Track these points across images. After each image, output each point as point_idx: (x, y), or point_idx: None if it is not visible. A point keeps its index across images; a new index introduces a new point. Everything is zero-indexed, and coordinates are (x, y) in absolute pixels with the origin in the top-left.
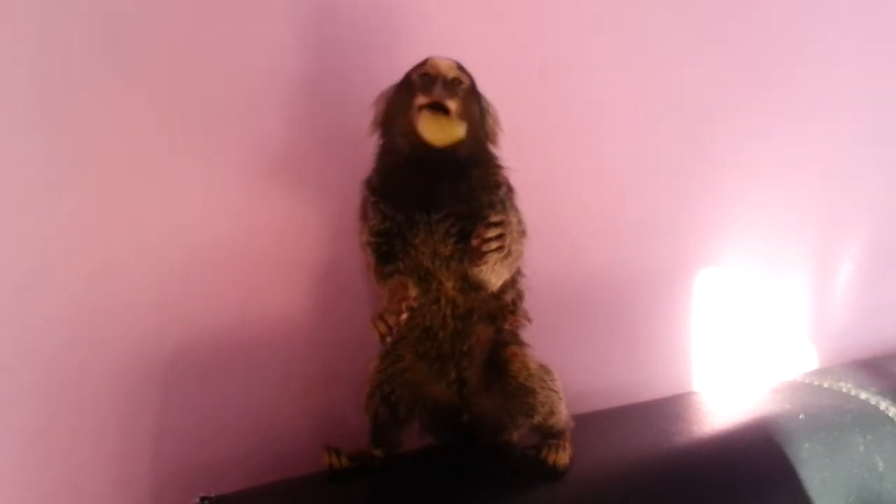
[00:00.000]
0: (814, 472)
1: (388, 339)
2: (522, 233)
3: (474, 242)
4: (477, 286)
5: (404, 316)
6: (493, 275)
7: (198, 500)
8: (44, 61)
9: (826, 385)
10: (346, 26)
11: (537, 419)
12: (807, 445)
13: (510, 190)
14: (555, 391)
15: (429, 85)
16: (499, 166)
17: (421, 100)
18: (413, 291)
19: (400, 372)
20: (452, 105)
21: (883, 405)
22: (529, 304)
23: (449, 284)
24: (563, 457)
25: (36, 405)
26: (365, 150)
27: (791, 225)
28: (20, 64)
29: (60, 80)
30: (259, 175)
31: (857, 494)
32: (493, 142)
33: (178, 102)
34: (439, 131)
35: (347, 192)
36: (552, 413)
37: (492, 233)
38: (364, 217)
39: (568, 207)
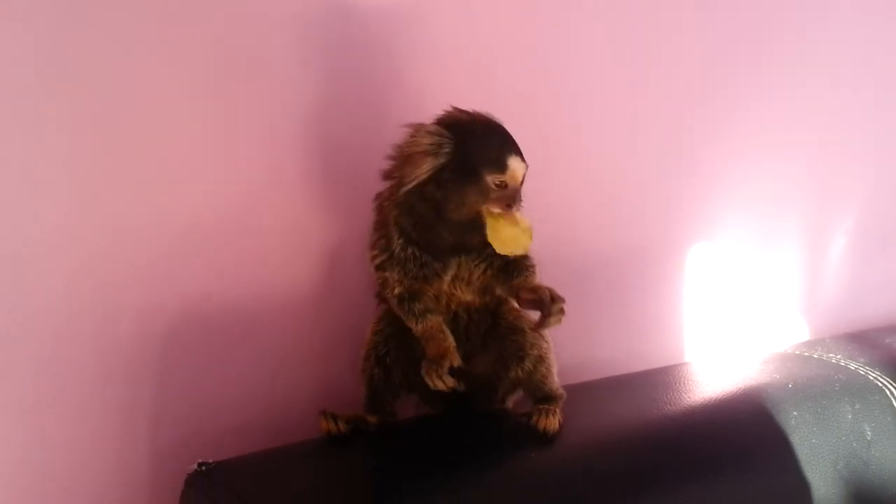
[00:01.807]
0: (802, 440)
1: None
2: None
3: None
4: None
5: (452, 383)
6: None
7: (196, 466)
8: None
9: (816, 356)
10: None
11: (527, 364)
12: (795, 414)
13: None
14: (546, 343)
15: (507, 197)
16: None
17: (496, 210)
18: (452, 342)
19: (396, 334)
20: (524, 220)
21: (872, 375)
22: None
23: (468, 296)
24: (552, 422)
25: (35, 378)
26: (380, 134)
27: (784, 199)
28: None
29: (72, 45)
30: (268, 151)
31: (844, 462)
32: None
33: (187, 74)
34: (518, 247)
35: (360, 172)
36: (541, 360)
37: (556, 308)
38: (386, 249)
39: (557, 182)
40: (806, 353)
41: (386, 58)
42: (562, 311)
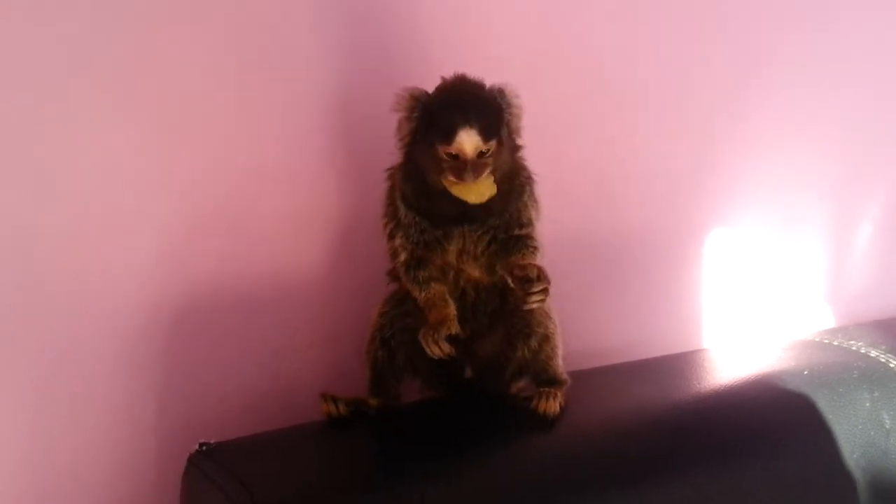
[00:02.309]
0: (816, 427)
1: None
2: (539, 217)
3: (518, 295)
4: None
5: (448, 349)
6: None
7: (197, 446)
8: None
9: (836, 343)
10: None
11: (533, 343)
12: (811, 401)
13: (531, 184)
14: (552, 323)
15: (457, 170)
16: (520, 167)
17: (451, 179)
18: (452, 310)
19: (401, 315)
20: (485, 179)
21: (893, 363)
22: (552, 259)
23: (475, 272)
24: (553, 405)
25: (41, 358)
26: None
27: (810, 185)
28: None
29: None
30: (278, 132)
31: (862, 451)
32: (518, 136)
33: (206, 51)
34: (475, 196)
35: (371, 154)
36: (547, 340)
37: (537, 287)
38: (394, 217)
39: (579, 165)
40: (826, 341)
41: (404, 30)
42: (545, 292)
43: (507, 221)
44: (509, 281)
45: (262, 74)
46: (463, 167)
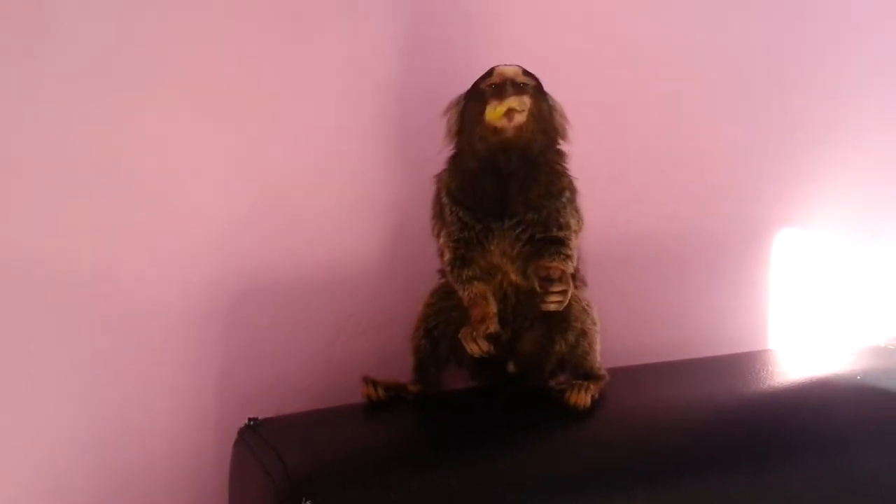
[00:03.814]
0: (867, 434)
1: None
2: (580, 229)
3: (537, 298)
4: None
5: (486, 347)
6: None
7: (247, 420)
8: None
9: None
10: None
11: (570, 337)
12: (860, 406)
13: (573, 192)
14: (591, 319)
15: (499, 92)
16: (562, 171)
17: (493, 103)
18: (493, 308)
19: (447, 309)
20: (526, 101)
21: None
22: (617, 255)
23: (513, 275)
24: (583, 397)
25: (112, 335)
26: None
27: (891, 187)
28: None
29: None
30: (336, 124)
31: None
32: (563, 137)
33: (268, 49)
34: (494, 116)
35: (427, 147)
36: (584, 335)
37: (555, 298)
38: (440, 217)
39: (638, 161)
40: (893, 346)
41: (461, 32)
42: (564, 294)
43: (545, 219)
44: (535, 283)
45: (322, 71)
46: (503, 86)
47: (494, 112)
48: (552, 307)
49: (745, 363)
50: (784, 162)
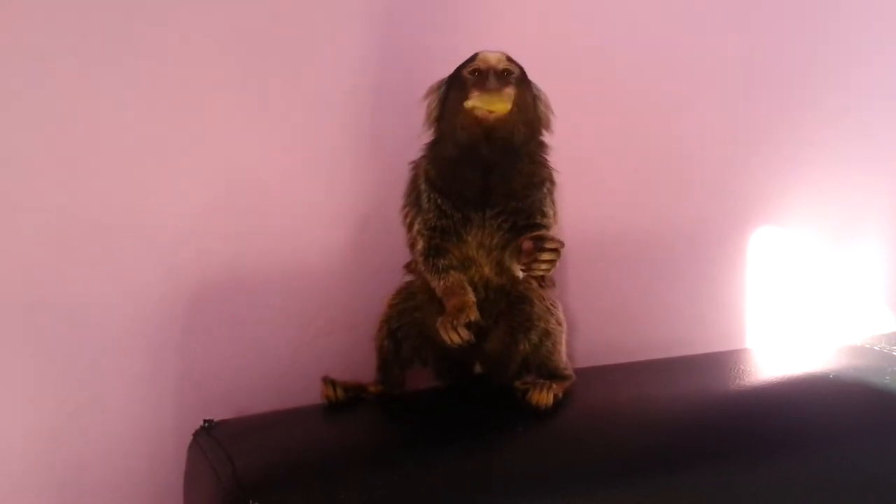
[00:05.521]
0: (844, 431)
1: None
2: (555, 223)
3: (524, 260)
4: (510, 273)
5: (467, 335)
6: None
7: (202, 423)
8: None
9: (878, 348)
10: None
11: (533, 337)
12: (836, 405)
13: (552, 184)
14: (555, 319)
15: (482, 80)
16: (544, 162)
17: (475, 93)
18: (472, 297)
19: (410, 310)
20: (508, 92)
21: None
22: (593, 254)
23: (486, 268)
24: (546, 397)
25: (67, 333)
26: (416, 114)
27: (868, 187)
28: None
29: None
30: (303, 122)
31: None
32: (547, 127)
33: (242, 44)
34: (499, 106)
35: (395, 149)
36: (548, 335)
37: (547, 256)
38: (415, 204)
39: (626, 162)
40: (868, 345)
41: (431, 25)
42: (556, 253)
43: (528, 208)
44: (516, 263)
45: (291, 69)
46: (486, 75)
47: (483, 100)
48: (542, 268)
49: (719, 362)
50: (761, 161)
